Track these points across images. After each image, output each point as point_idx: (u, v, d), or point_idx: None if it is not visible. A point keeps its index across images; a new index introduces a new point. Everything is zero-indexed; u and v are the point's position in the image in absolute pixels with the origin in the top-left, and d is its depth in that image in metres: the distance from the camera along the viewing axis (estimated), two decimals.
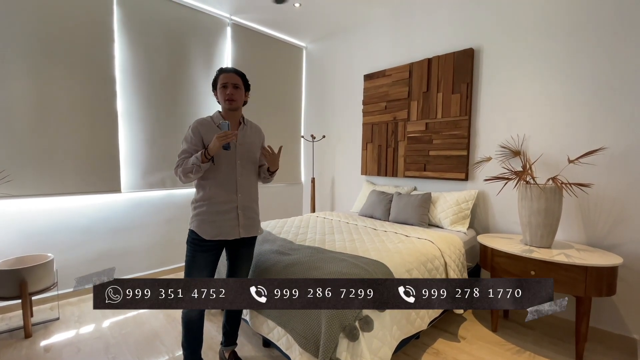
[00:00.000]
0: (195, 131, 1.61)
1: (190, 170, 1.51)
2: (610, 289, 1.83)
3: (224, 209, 1.61)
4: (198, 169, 1.51)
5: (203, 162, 1.50)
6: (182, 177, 1.56)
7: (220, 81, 1.62)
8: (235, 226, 1.63)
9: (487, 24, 2.69)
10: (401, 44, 3.33)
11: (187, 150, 1.59)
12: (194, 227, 1.60)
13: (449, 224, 2.69)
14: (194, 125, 1.62)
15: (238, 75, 1.64)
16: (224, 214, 1.60)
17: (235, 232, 1.63)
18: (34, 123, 2.46)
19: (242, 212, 1.65)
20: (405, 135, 3.22)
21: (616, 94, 2.11)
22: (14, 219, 2.44)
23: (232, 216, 1.62)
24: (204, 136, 1.60)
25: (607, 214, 2.17)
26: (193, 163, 1.50)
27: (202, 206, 1.60)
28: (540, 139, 2.43)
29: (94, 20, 2.70)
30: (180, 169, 1.55)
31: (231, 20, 3.63)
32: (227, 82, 1.60)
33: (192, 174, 1.52)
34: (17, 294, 2.07)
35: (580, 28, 2.23)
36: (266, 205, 4.15)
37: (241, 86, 1.64)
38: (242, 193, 1.66)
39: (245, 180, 1.68)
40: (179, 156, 1.60)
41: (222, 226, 1.60)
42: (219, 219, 1.59)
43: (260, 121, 3.95)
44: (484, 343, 2.09)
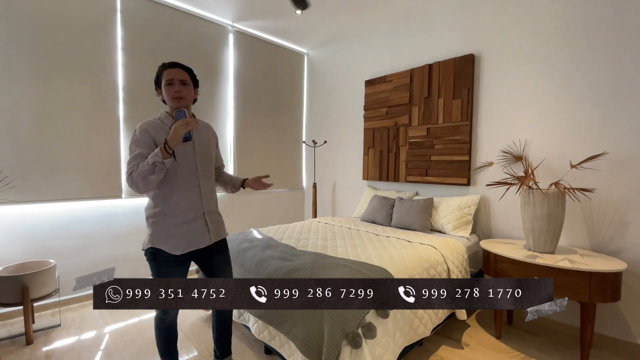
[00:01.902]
0: (145, 133, 1.42)
1: (151, 171, 1.32)
2: (615, 295, 1.82)
3: (190, 218, 1.48)
4: (161, 167, 1.33)
5: (165, 158, 1.33)
6: (139, 184, 1.33)
7: (164, 77, 1.45)
8: (204, 233, 1.53)
9: (488, 29, 2.71)
10: (402, 49, 3.35)
11: (141, 154, 1.38)
12: (156, 244, 1.43)
13: (451, 229, 2.68)
14: (141, 127, 1.44)
15: (185, 71, 1.49)
16: (190, 223, 1.48)
17: (206, 239, 1.53)
18: (37, 129, 2.48)
19: (208, 217, 1.55)
20: (407, 141, 3.23)
21: (618, 98, 2.11)
22: (16, 225, 2.45)
23: (200, 223, 1.52)
24: (156, 138, 1.43)
25: (610, 219, 2.16)
26: (154, 162, 1.31)
27: (164, 220, 1.44)
28: (542, 144, 2.43)
29: (97, 27, 2.73)
30: (137, 174, 1.32)
31: (233, 27, 3.67)
32: (173, 78, 1.45)
33: (153, 176, 1.32)
34: (19, 301, 2.07)
35: (580, 34, 2.25)
36: (267, 211, 4.18)
37: (189, 82, 1.49)
38: (206, 198, 1.55)
39: (207, 183, 1.57)
40: (129, 163, 1.37)
41: (191, 236, 1.48)
42: (186, 230, 1.47)
43: (262, 126, 4.02)
44: (487, 350, 2.07)
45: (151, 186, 1.37)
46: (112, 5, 2.80)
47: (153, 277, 1.49)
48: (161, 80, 1.48)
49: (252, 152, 3.94)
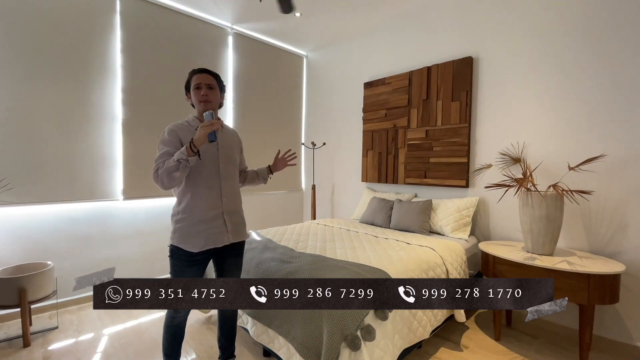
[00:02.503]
0: (173, 134, 1.51)
1: (176, 167, 1.39)
2: (613, 297, 1.82)
3: (209, 216, 1.53)
4: (185, 165, 1.39)
5: (190, 156, 1.40)
6: (164, 180, 1.41)
7: (193, 82, 1.54)
8: (223, 232, 1.57)
9: (486, 32, 2.72)
10: (401, 52, 3.37)
11: (167, 152, 1.47)
12: (177, 242, 1.50)
13: (450, 231, 2.68)
14: (169, 128, 1.53)
15: (212, 76, 1.56)
16: (209, 222, 1.53)
17: (225, 239, 1.57)
18: (35, 130, 2.48)
19: (227, 217, 1.59)
20: (406, 143, 3.24)
21: (615, 101, 2.13)
22: (14, 227, 2.44)
23: (218, 223, 1.56)
24: (182, 139, 1.52)
25: (608, 220, 2.17)
26: (179, 159, 1.38)
27: (185, 218, 1.51)
28: (540, 146, 2.44)
29: (96, 28, 2.73)
30: (163, 170, 1.41)
31: (233, 29, 3.68)
32: (201, 82, 1.53)
33: (177, 172, 1.39)
34: (17, 303, 2.06)
35: (579, 36, 2.26)
36: (266, 213, 4.17)
37: (216, 87, 1.57)
38: (227, 198, 1.60)
39: (229, 184, 1.62)
40: (157, 160, 1.46)
41: (209, 235, 1.52)
42: (205, 228, 1.52)
43: (262, 128, 4.02)
44: (486, 352, 2.07)
45: (175, 183, 1.44)
46: (111, 6, 2.81)
47: (171, 273, 1.55)
48: (190, 85, 1.56)
49: (251, 153, 3.93)
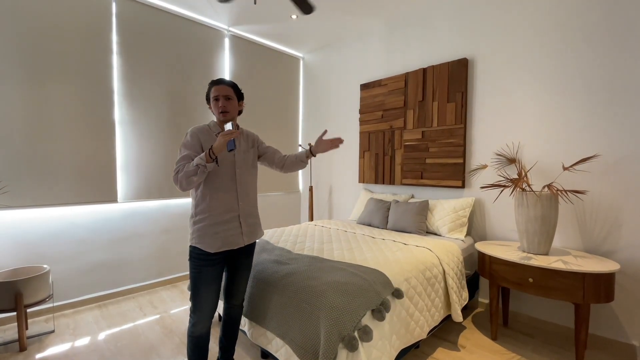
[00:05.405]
0: (195, 137, 1.59)
1: (194, 172, 1.46)
2: (608, 296, 1.84)
3: (226, 219, 1.59)
4: (203, 170, 1.46)
5: (208, 162, 1.47)
6: (183, 183, 1.49)
7: (212, 94, 1.62)
8: (238, 234, 1.63)
9: (482, 34, 2.74)
10: (397, 54, 3.39)
11: (188, 156, 1.54)
12: (196, 242, 1.56)
13: (446, 232, 2.69)
14: (192, 131, 1.61)
15: (229, 87, 1.64)
16: (225, 224, 1.59)
17: (240, 241, 1.63)
18: (31, 133, 2.47)
19: (243, 220, 1.65)
20: (402, 144, 3.25)
21: (609, 101, 2.15)
22: (9, 230, 2.42)
23: (234, 225, 1.62)
24: (203, 142, 1.59)
25: (602, 220, 2.19)
26: (197, 164, 1.46)
27: (203, 219, 1.57)
28: (535, 147, 2.46)
29: (92, 30, 2.73)
30: (182, 174, 1.49)
31: (229, 31, 3.68)
32: (219, 94, 1.60)
33: (195, 177, 1.47)
34: (12, 307, 2.05)
35: (573, 37, 2.29)
36: (264, 214, 4.17)
37: (233, 97, 1.64)
38: (243, 201, 1.66)
39: (245, 188, 1.68)
40: (177, 163, 1.54)
41: (225, 236, 1.58)
42: (222, 230, 1.58)
43: (259, 130, 4.02)
44: (484, 351, 2.08)
45: (192, 186, 1.52)
46: (107, 9, 2.80)
47: (190, 273, 1.59)
48: (210, 96, 1.65)
49: None
